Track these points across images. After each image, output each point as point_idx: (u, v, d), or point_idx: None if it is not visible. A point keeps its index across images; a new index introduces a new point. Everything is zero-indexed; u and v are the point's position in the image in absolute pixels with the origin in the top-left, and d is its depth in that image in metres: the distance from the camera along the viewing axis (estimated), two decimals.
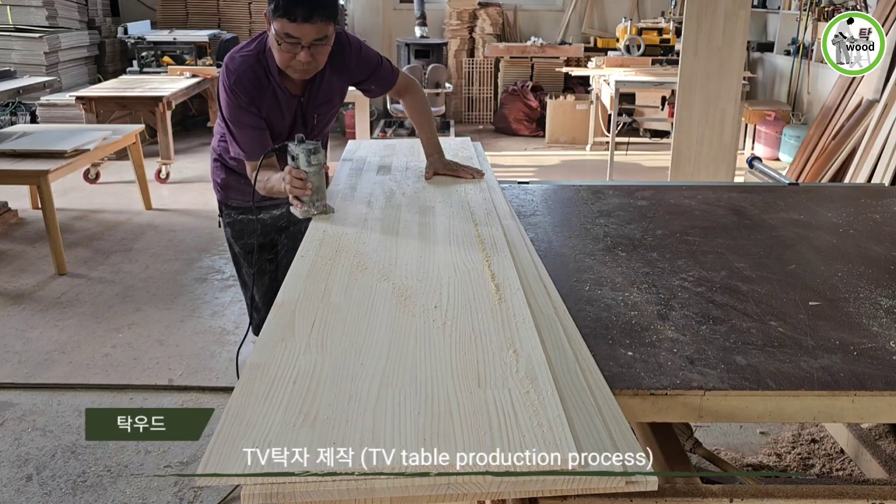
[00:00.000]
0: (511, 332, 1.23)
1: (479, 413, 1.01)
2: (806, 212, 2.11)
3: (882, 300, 1.51)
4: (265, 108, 1.95)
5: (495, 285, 1.42)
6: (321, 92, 2.04)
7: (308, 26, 1.76)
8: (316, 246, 1.64)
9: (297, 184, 1.74)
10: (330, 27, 1.82)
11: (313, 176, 1.75)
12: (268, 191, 1.89)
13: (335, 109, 2.17)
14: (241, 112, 1.91)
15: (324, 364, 1.14)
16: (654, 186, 2.41)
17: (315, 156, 1.74)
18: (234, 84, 1.89)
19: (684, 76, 4.01)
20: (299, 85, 1.99)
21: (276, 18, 1.78)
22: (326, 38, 1.82)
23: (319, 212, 1.80)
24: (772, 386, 1.19)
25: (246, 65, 1.91)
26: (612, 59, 6.84)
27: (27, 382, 2.90)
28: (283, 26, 1.77)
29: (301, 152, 1.74)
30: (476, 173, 2.16)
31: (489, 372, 1.11)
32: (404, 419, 1.00)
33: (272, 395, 1.06)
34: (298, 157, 1.73)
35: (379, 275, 1.48)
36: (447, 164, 2.19)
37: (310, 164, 1.74)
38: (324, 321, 1.28)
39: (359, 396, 1.05)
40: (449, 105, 7.47)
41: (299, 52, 1.80)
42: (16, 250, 4.34)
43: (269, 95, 1.94)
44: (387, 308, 1.33)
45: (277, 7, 1.76)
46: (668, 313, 1.44)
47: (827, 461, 2.37)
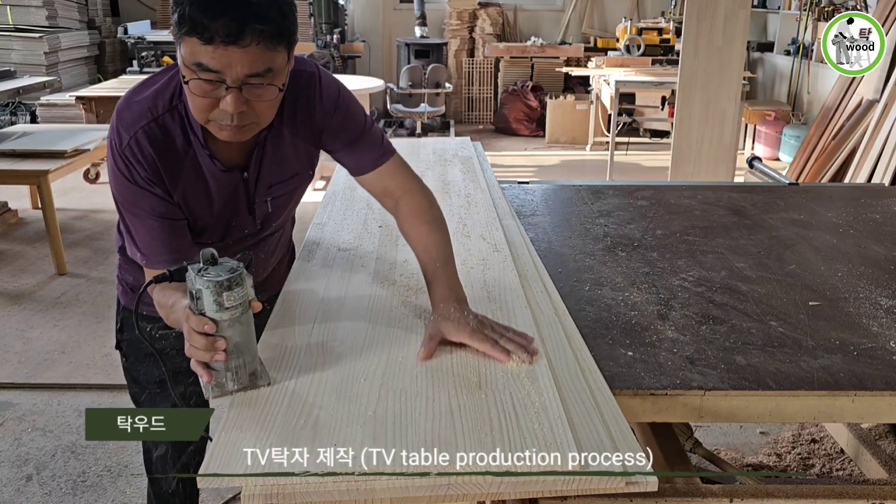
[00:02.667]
0: (510, 310, 1.23)
1: (480, 413, 1.01)
2: (806, 212, 2.11)
3: (882, 300, 1.51)
4: (181, 188, 1.25)
5: (495, 285, 1.42)
6: (278, 163, 1.32)
7: (235, 52, 1.06)
8: (314, 248, 1.64)
9: (199, 342, 1.01)
10: (278, 55, 1.10)
11: (229, 327, 1.02)
12: (174, 324, 1.16)
13: (301, 189, 1.43)
14: (138, 193, 1.21)
15: (324, 365, 1.14)
16: (654, 186, 2.41)
17: (231, 292, 1.00)
18: (125, 150, 1.19)
19: (684, 76, 4.01)
20: (239, 150, 1.27)
21: (183, 37, 1.07)
22: (272, 74, 1.11)
23: (242, 387, 1.06)
24: (772, 386, 1.19)
25: (147, 117, 1.20)
26: (612, 59, 6.85)
27: (27, 382, 2.90)
28: (192, 51, 1.07)
29: (206, 287, 1.00)
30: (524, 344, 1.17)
31: (490, 372, 1.11)
32: (405, 419, 1.00)
33: (273, 395, 1.06)
34: (202, 296, 1.01)
35: (380, 276, 1.48)
36: (468, 322, 1.19)
37: (221, 307, 1.00)
38: (324, 322, 1.28)
39: (359, 397, 1.05)
40: (449, 105, 7.47)
41: (223, 95, 1.10)
42: (16, 250, 4.34)
43: (189, 166, 1.25)
44: (387, 309, 1.33)
45: (183, 18, 1.05)
46: (668, 313, 1.44)
47: (827, 461, 2.37)
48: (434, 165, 2.30)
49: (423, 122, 6.89)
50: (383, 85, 6.26)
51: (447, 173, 2.21)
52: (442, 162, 2.33)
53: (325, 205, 1.92)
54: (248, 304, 1.04)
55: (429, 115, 6.82)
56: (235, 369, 1.05)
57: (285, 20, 1.09)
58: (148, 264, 1.25)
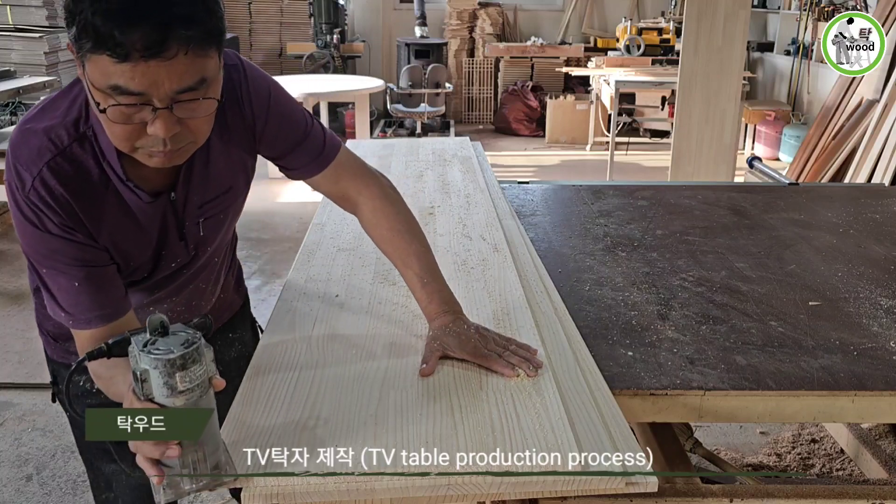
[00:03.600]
0: (511, 332, 1.23)
1: (480, 413, 1.01)
2: (806, 212, 2.11)
3: (882, 300, 1.51)
4: (106, 228, 1.03)
5: (495, 285, 1.42)
6: (209, 177, 1.11)
7: (160, 66, 0.85)
8: (314, 249, 1.64)
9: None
10: (210, 61, 0.91)
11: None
12: (115, 398, 0.97)
13: (237, 206, 1.22)
14: (55, 243, 0.99)
15: (325, 365, 1.14)
16: (654, 186, 2.41)
17: (186, 372, 0.79)
18: (30, 194, 0.97)
19: (684, 76, 4.01)
20: (163, 173, 1.06)
21: (88, 54, 0.85)
22: (206, 85, 0.91)
23: (200, 486, 0.86)
24: (772, 386, 1.19)
25: (51, 150, 0.97)
26: (612, 59, 6.84)
27: (27, 382, 2.90)
28: (104, 71, 0.85)
29: (154, 367, 0.79)
30: (528, 357, 1.12)
31: (490, 373, 1.11)
32: (405, 419, 1.00)
33: (273, 396, 1.06)
34: (148, 378, 0.80)
35: (380, 277, 1.47)
36: (470, 338, 1.12)
37: (174, 390, 0.80)
38: (324, 322, 1.28)
39: (360, 397, 1.05)
40: (449, 105, 7.47)
41: (150, 118, 0.89)
42: (15, 250, 4.34)
43: (111, 202, 1.03)
44: (388, 310, 1.33)
45: (86, 30, 0.83)
46: (668, 313, 1.44)
47: (827, 461, 2.37)
48: (433, 165, 2.29)
49: (423, 122, 6.89)
50: (383, 85, 6.26)
51: (447, 173, 2.21)
52: (441, 162, 2.33)
53: (324, 204, 1.91)
54: (207, 383, 0.82)
55: (429, 116, 6.82)
56: (193, 464, 0.83)
57: (213, 17, 0.88)
58: (75, 324, 1.02)
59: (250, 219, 4.74)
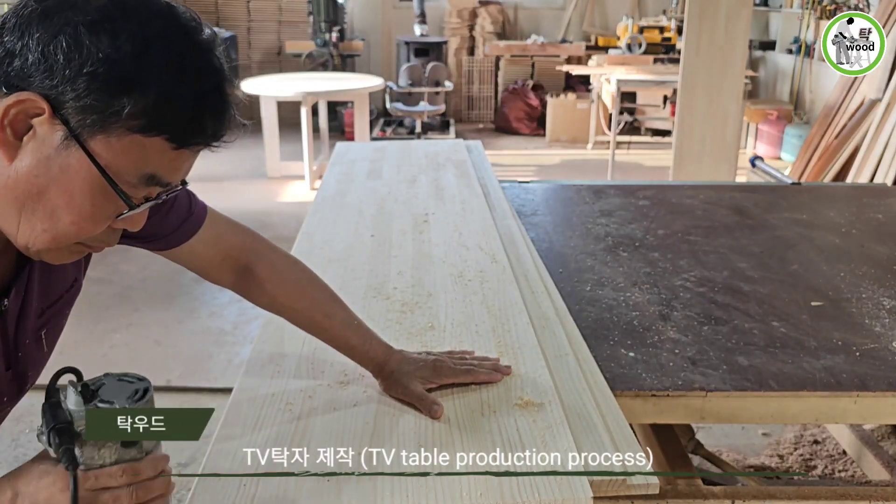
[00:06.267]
0: (511, 332, 1.22)
1: (480, 413, 1.00)
2: (808, 211, 2.10)
3: (885, 300, 1.50)
4: None
5: (495, 299, 1.38)
6: (51, 273, 0.87)
7: (193, 154, 0.74)
8: (304, 260, 1.59)
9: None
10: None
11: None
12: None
13: (70, 307, 0.99)
14: None
15: (324, 365, 1.13)
16: (656, 186, 2.41)
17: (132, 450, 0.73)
18: None
19: (686, 75, 4.00)
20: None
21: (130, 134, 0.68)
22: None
23: None
24: (774, 387, 1.18)
25: None
26: (613, 58, 6.83)
27: None
28: (145, 159, 0.70)
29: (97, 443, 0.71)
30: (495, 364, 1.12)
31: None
32: (405, 419, 0.99)
33: (273, 395, 1.05)
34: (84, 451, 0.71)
35: (373, 290, 1.41)
36: (434, 362, 1.08)
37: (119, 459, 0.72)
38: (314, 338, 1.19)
39: (360, 397, 1.04)
40: (449, 104, 7.46)
41: (126, 212, 0.73)
42: None
43: None
44: (381, 326, 1.26)
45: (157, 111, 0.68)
46: (670, 314, 1.43)
47: (829, 462, 2.36)
48: (426, 170, 2.23)
49: (423, 120, 6.88)
50: (383, 83, 6.24)
51: (440, 178, 2.15)
52: (435, 166, 2.27)
53: (312, 213, 1.84)
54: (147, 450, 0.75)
55: (429, 114, 6.81)
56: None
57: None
58: None
59: (249, 219, 4.72)
